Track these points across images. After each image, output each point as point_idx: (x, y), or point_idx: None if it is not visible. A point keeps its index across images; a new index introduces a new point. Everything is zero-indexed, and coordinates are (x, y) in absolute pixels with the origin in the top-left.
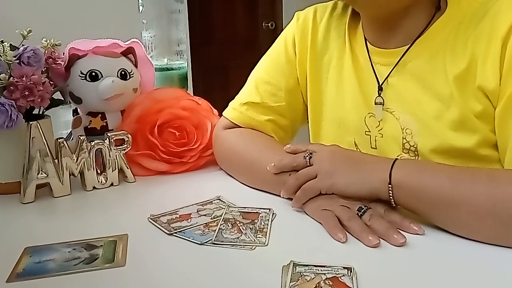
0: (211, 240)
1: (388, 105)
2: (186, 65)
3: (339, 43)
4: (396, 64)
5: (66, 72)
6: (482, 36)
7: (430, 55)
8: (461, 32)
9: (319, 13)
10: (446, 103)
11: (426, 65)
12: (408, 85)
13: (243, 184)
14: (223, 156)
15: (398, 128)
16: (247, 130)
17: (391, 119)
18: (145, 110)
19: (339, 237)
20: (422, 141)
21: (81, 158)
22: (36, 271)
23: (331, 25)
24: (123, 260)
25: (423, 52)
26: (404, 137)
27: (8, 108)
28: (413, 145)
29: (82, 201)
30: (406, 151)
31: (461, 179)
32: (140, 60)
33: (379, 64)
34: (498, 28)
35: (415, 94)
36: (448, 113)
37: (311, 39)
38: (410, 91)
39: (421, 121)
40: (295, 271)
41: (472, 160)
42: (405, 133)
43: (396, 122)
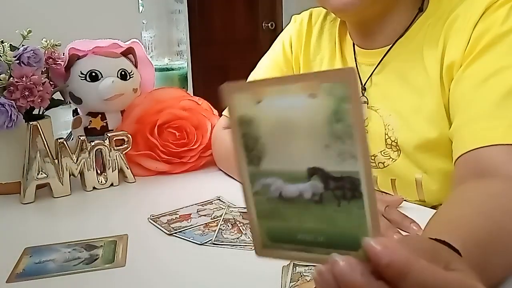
0: (211, 240)
1: (372, 103)
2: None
3: (330, 45)
4: (378, 64)
5: (66, 72)
6: (455, 21)
7: (410, 52)
8: (438, 26)
9: (314, 17)
10: (423, 97)
11: (407, 62)
12: (390, 83)
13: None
14: (222, 156)
15: (381, 125)
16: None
17: (375, 117)
18: (145, 110)
19: None
20: (401, 136)
21: (81, 158)
22: (36, 271)
23: (324, 28)
24: (123, 260)
25: (404, 50)
26: (386, 133)
27: (8, 108)
28: (394, 140)
29: (82, 201)
30: (389, 147)
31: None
32: (140, 60)
33: (364, 65)
34: (472, 13)
35: (396, 91)
36: (424, 106)
37: (305, 40)
38: (392, 89)
39: (402, 117)
40: (295, 271)
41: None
42: (387, 129)
43: (379, 119)
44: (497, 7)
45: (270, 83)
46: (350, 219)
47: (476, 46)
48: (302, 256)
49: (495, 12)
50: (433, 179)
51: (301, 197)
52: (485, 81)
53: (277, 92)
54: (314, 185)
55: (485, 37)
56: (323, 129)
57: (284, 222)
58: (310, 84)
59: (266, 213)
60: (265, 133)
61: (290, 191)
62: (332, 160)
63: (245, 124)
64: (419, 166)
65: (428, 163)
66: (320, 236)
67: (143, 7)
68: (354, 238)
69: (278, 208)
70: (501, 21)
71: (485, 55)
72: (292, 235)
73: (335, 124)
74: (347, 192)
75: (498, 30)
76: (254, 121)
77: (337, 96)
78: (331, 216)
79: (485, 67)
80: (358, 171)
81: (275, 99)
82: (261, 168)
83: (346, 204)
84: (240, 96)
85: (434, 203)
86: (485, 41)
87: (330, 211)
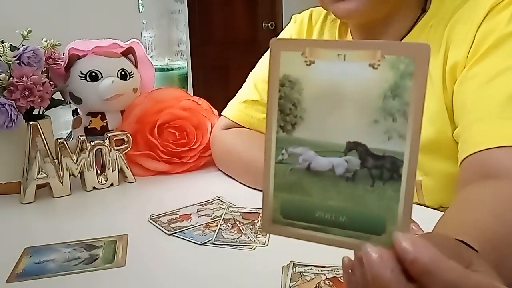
0: (211, 240)
1: None
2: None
3: None
4: None
5: (66, 72)
6: (458, 22)
7: None
8: (440, 27)
9: (314, 16)
10: (426, 98)
11: None
12: None
13: (243, 184)
14: (221, 156)
15: None
16: (244, 130)
17: None
18: (145, 110)
19: None
20: None
21: (81, 158)
22: (36, 271)
23: (324, 28)
24: (123, 260)
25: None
26: None
27: (8, 108)
28: None
29: (82, 201)
30: None
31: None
32: (140, 60)
33: None
34: (475, 14)
35: None
36: (426, 107)
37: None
38: None
39: None
40: (295, 271)
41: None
42: None
43: None
44: (502, 9)
45: (328, 45)
46: (381, 201)
47: (480, 47)
48: (316, 236)
49: (500, 13)
50: (434, 181)
51: (332, 172)
52: (490, 82)
53: (334, 56)
54: (350, 161)
55: (489, 38)
56: (376, 102)
57: (305, 196)
58: (374, 53)
59: (286, 185)
60: (308, 98)
61: (320, 164)
62: (377, 137)
63: (287, 85)
64: (420, 168)
65: (429, 165)
66: (342, 216)
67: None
68: (381, 221)
69: (302, 180)
70: (505, 22)
71: (489, 56)
72: (310, 212)
73: (390, 100)
74: (385, 173)
75: (502, 31)
76: (300, 83)
77: (401, 70)
78: (361, 196)
79: (490, 68)
80: (403, 153)
81: (329, 63)
82: (293, 135)
83: (380, 185)
84: (290, 54)
85: (434, 206)
86: (490, 42)
87: (361, 190)
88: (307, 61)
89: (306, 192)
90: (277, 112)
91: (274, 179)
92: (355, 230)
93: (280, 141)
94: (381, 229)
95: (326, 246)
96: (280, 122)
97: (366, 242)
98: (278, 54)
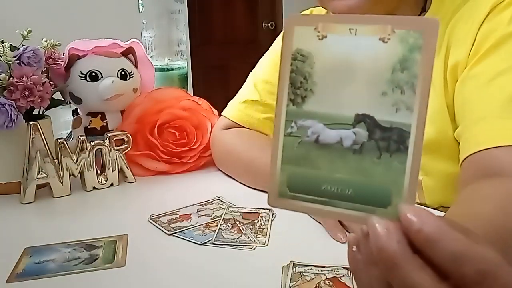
0: (211, 240)
1: None
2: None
3: None
4: None
5: (66, 72)
6: (459, 22)
7: None
8: (441, 26)
9: None
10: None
11: None
12: None
13: (243, 184)
14: (221, 157)
15: None
16: (243, 130)
17: None
18: (145, 110)
19: (339, 237)
20: None
21: (81, 158)
22: (36, 271)
23: None
24: (123, 260)
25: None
26: None
27: (8, 108)
28: None
29: (82, 201)
30: None
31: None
32: (140, 60)
33: None
34: (476, 14)
35: None
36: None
37: None
38: None
39: None
40: (295, 271)
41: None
42: None
43: None
44: (503, 8)
45: (340, 20)
46: (388, 173)
47: (481, 47)
48: (321, 210)
49: (501, 13)
50: (434, 181)
51: (339, 144)
52: (492, 82)
53: (346, 30)
54: (358, 133)
55: (490, 38)
56: (384, 75)
57: (312, 169)
58: (385, 27)
59: (293, 158)
60: (319, 71)
61: (329, 136)
62: (385, 109)
63: (300, 59)
64: (420, 168)
65: (430, 165)
66: (349, 189)
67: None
68: (386, 194)
69: (310, 153)
70: (507, 21)
71: (490, 56)
72: (317, 185)
73: (399, 72)
74: (392, 144)
75: (504, 30)
76: (312, 56)
77: (410, 44)
78: (368, 168)
79: (491, 68)
80: (410, 124)
81: (341, 37)
82: (303, 108)
83: (387, 157)
84: (303, 29)
85: (434, 206)
86: (491, 42)
87: (368, 162)
88: (320, 36)
89: (313, 164)
90: (288, 85)
91: (282, 152)
92: (361, 203)
93: (290, 114)
94: (387, 201)
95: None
96: (291, 96)
97: (372, 215)
98: (292, 29)
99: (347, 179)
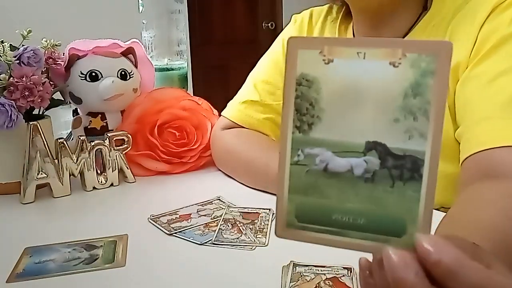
0: (211, 240)
1: None
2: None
3: None
4: None
5: (66, 72)
6: (460, 22)
7: None
8: (442, 27)
9: (314, 16)
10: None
11: None
12: None
13: (243, 184)
14: (221, 157)
15: None
16: (243, 130)
17: None
18: (145, 110)
19: None
20: None
21: (81, 158)
22: (36, 271)
23: (325, 27)
24: (123, 260)
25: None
26: None
27: (8, 108)
28: None
29: (82, 201)
30: None
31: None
32: (140, 60)
33: None
34: (478, 14)
35: None
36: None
37: None
38: None
39: None
40: (295, 271)
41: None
42: None
43: None
44: (504, 8)
45: (347, 43)
46: (401, 202)
47: (483, 47)
48: (332, 240)
49: (502, 13)
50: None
51: (350, 172)
52: (493, 82)
53: (353, 54)
54: (370, 161)
55: (492, 38)
56: (396, 101)
57: (321, 199)
58: (395, 51)
59: (301, 188)
60: (326, 97)
61: (339, 165)
62: (397, 136)
63: (305, 84)
64: None
65: None
66: (361, 218)
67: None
68: (400, 223)
69: (318, 182)
70: (508, 22)
71: (492, 56)
72: (327, 215)
73: (411, 98)
74: (405, 173)
75: (505, 30)
76: (318, 82)
77: (422, 68)
78: (380, 197)
79: (493, 68)
80: (425, 152)
81: (349, 61)
82: (310, 136)
83: (400, 185)
84: (308, 52)
85: (435, 206)
86: (492, 42)
87: (380, 191)
88: (326, 60)
89: (322, 194)
90: (293, 112)
91: (289, 181)
92: (374, 232)
93: (296, 142)
94: (401, 230)
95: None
96: (296, 122)
97: (386, 245)
98: (295, 52)
99: (359, 208)
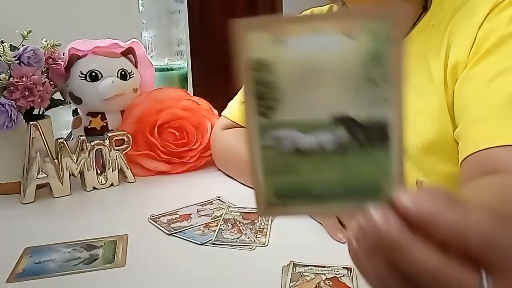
0: (211, 240)
1: None
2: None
3: None
4: None
5: (66, 72)
6: (459, 22)
7: (413, 53)
8: (441, 26)
9: None
10: (427, 98)
11: (411, 63)
12: None
13: (243, 184)
14: (221, 156)
15: None
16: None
17: None
18: (145, 110)
19: (339, 237)
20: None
21: (81, 158)
22: (36, 271)
23: None
24: (123, 260)
25: (408, 51)
26: None
27: (8, 108)
28: None
29: (82, 201)
30: None
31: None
32: (140, 60)
33: None
34: (477, 14)
35: None
36: (428, 107)
37: None
38: None
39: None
40: (295, 271)
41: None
42: None
43: None
44: (503, 8)
45: (297, 20)
46: (374, 166)
47: (481, 47)
48: (313, 210)
49: (501, 12)
50: (435, 182)
51: (321, 148)
52: (492, 81)
53: (306, 30)
54: (338, 134)
55: (491, 37)
56: (356, 71)
57: (297, 177)
58: (349, 22)
59: (275, 169)
60: (284, 79)
61: (308, 143)
62: (361, 106)
63: (259, 68)
64: (421, 169)
65: (430, 166)
66: (337, 188)
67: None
68: (376, 186)
69: (291, 162)
70: (507, 21)
71: (491, 55)
72: (304, 190)
73: (371, 66)
74: (373, 138)
75: (504, 30)
76: (273, 64)
77: (378, 36)
78: (353, 166)
79: (492, 67)
80: (388, 115)
81: (303, 39)
82: (274, 119)
83: (371, 152)
84: (257, 35)
85: None
86: (491, 41)
87: (353, 159)
88: (277, 41)
89: (297, 173)
90: (253, 98)
91: (261, 165)
92: (352, 198)
93: (261, 127)
94: (377, 193)
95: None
96: (257, 108)
97: (367, 204)
98: (243, 37)
99: (335, 180)
